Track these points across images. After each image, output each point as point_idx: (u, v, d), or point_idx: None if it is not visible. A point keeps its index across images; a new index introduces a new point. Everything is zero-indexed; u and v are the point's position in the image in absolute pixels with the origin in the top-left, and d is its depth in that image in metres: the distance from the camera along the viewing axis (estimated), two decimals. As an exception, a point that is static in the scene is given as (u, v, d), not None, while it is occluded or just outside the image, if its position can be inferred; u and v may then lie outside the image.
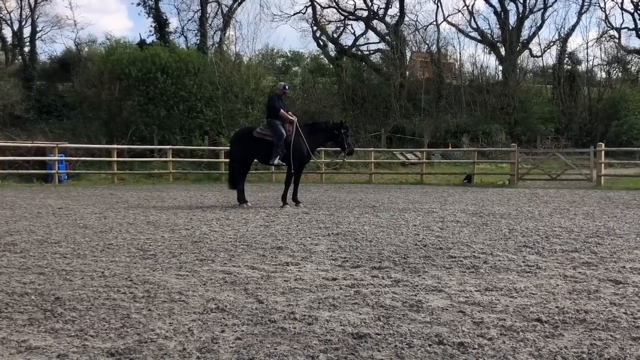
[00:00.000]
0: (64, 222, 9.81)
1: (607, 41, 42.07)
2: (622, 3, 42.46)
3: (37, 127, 29.25)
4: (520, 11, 40.33)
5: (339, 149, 13.39)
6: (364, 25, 41.49)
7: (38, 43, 37.65)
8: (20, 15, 37.10)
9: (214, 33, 38.78)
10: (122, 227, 9.14)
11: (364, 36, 41.95)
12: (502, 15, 40.25)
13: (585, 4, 40.73)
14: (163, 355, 3.46)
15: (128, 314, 4.24)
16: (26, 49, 37.46)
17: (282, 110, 12.34)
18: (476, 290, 4.91)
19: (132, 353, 3.49)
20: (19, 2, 36.85)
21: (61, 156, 22.18)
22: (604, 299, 4.62)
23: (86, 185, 21.03)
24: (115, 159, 22.77)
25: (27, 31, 37.51)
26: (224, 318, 4.15)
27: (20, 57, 37.88)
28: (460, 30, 41.23)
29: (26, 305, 4.52)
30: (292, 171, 12.60)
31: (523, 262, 6.12)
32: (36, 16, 37.20)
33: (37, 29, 37.49)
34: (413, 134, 33.93)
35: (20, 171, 21.30)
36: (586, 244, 7.30)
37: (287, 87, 13.21)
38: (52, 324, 4.05)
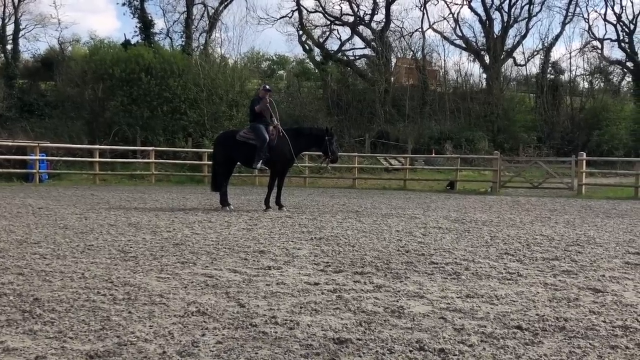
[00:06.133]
0: (44, 222, 9.72)
1: (590, 51, 42.62)
2: (605, 14, 42.97)
3: (19, 126, 28.89)
4: (505, 20, 40.69)
5: (322, 154, 13.36)
6: (350, 31, 41.59)
7: (21, 41, 37.18)
8: (3, 12, 36.62)
9: (200, 35, 38.66)
10: (103, 228, 9.07)
11: (350, 41, 42.07)
12: (487, 24, 40.57)
13: (569, 14, 41.23)
14: (143, 358, 3.44)
15: (108, 316, 4.21)
16: (9, 47, 37.05)
17: (257, 106, 12.27)
18: (457, 297, 4.94)
19: (112, 356, 3.47)
20: (2, 0, 36.47)
21: (42, 156, 21.97)
22: (584, 307, 4.67)
23: (67, 185, 20.85)
24: (97, 159, 22.60)
25: (10, 29, 37.10)
26: (204, 321, 4.13)
27: (2, 55, 37.44)
28: (445, 38, 41.52)
29: (4, 306, 4.47)
30: (276, 175, 12.60)
31: (504, 269, 6.16)
32: (20, 14, 36.79)
33: (21, 27, 37.07)
34: (397, 139, 34.06)
35: (0, 170, 21.06)
36: (566, 252, 7.36)
37: (267, 86, 13.14)
38: (31, 325, 4.01)
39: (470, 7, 41.93)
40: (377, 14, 41.10)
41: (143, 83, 28.62)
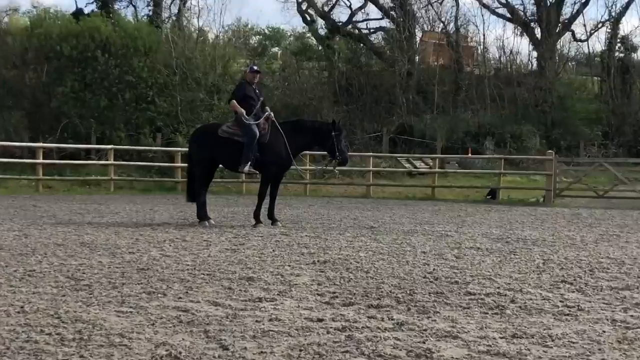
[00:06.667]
0: (-28, 241, 9.74)
1: (671, 23, 42.55)
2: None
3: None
4: (562, -17, 40.72)
5: (327, 154, 13.34)
6: (363, -3, 41.70)
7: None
8: None
9: (171, 3, 38.81)
10: (48, 248, 9.08)
11: (363, 10, 42.14)
12: (538, -12, 40.62)
13: (644, -25, 41.25)
14: (98, 416, 3.44)
15: (54, 362, 4.22)
16: None
17: (233, 101, 12.34)
18: (501, 337, 4.93)
19: (59, 412, 3.47)
20: None
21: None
22: (663, 351, 4.66)
23: (2, 194, 20.89)
24: (40, 160, 22.63)
25: None
26: (177, 368, 4.14)
27: None
28: (484, 6, 41.53)
29: None
30: (268, 181, 12.61)
31: (561, 301, 6.15)
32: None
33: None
34: (423, 135, 34.08)
35: None
36: (641, 280, 7.36)
37: (255, 67, 13.28)
38: (-45, 372, 4.02)
39: (518, -33, 42.00)
40: (397, -25, 41.22)
41: (99, 64, 28.73)
